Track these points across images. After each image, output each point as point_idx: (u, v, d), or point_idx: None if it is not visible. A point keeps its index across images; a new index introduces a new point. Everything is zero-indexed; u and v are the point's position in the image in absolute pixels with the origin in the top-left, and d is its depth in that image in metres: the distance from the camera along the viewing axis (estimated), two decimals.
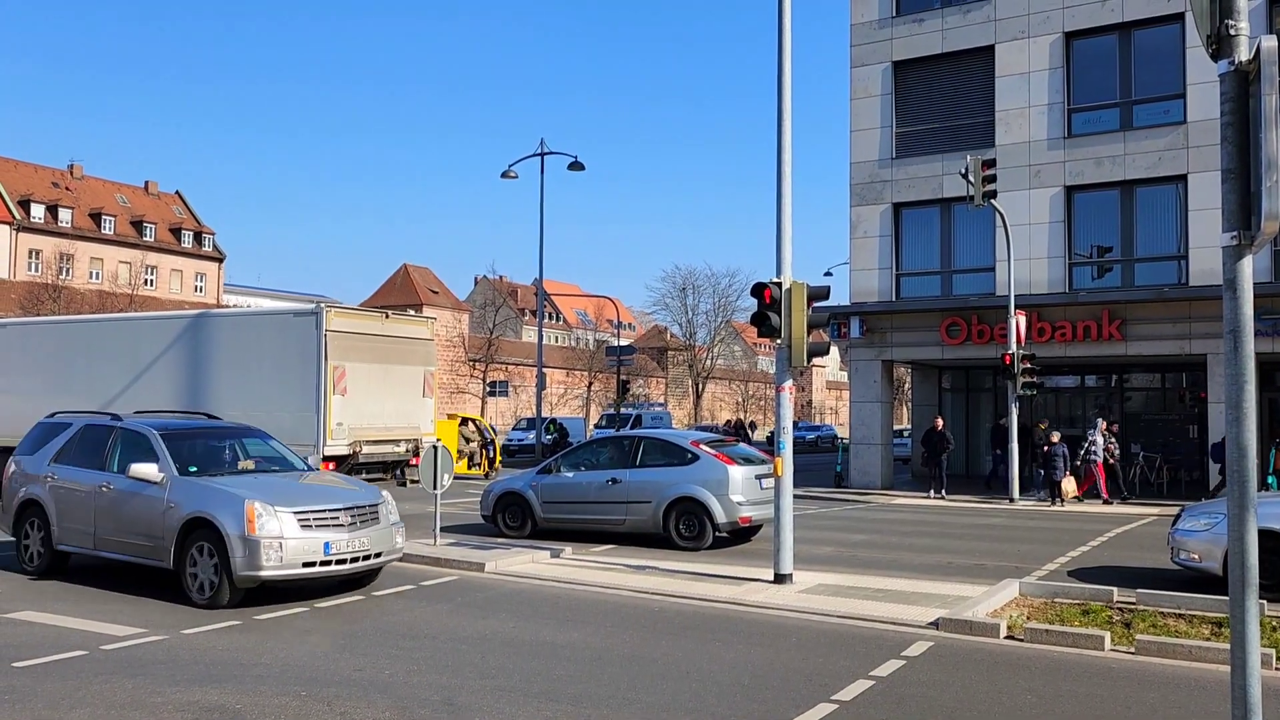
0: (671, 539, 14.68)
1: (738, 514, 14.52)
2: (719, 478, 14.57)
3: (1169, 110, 24.56)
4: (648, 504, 14.90)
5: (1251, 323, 4.79)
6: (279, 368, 17.66)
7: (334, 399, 17.15)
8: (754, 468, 15.09)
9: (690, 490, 14.57)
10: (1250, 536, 4.76)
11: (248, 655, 8.24)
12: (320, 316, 17.43)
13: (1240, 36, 4.67)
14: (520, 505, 15.93)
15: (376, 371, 18.08)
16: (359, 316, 19.21)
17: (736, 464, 14.86)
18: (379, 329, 18.90)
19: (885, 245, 27.65)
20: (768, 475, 14.37)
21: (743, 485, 14.63)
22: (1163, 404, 29.43)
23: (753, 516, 14.68)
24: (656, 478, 15.00)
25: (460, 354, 75.09)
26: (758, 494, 14.67)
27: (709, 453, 14.98)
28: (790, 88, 11.85)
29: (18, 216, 66.98)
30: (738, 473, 14.66)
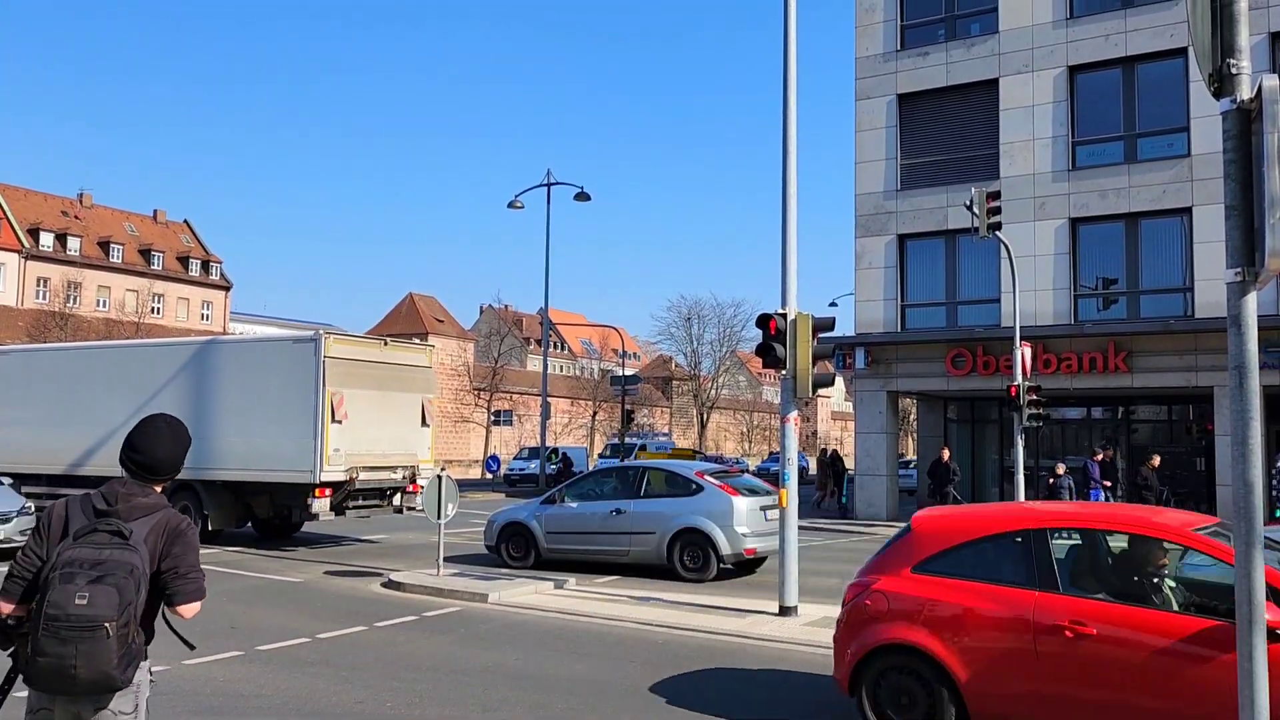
0: (676, 570, 14.64)
1: (742, 545, 14.46)
2: (723, 509, 14.51)
3: (1173, 144, 24.66)
4: (652, 535, 14.84)
5: (1256, 358, 4.78)
6: (278, 394, 17.72)
7: (331, 426, 17.21)
8: (759, 499, 15.03)
9: (695, 521, 14.50)
10: (1257, 572, 4.73)
11: (249, 686, 8.21)
12: (319, 344, 17.48)
13: (1242, 75, 4.70)
14: (524, 536, 15.87)
15: (374, 398, 18.12)
16: (358, 344, 19.17)
17: (741, 495, 14.81)
18: (378, 356, 18.89)
19: (890, 276, 27.71)
20: (773, 507, 14.39)
21: (747, 517, 14.58)
22: (1169, 436, 29.31)
23: (758, 548, 14.62)
24: (661, 509, 14.96)
25: (465, 383, 75.13)
26: (763, 525, 14.62)
27: (714, 484, 14.94)
28: (795, 120, 11.93)
29: (26, 244, 67.38)
30: (742, 504, 14.61)
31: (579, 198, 38.85)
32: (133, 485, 3.66)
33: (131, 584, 3.38)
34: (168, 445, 3.72)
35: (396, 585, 13.51)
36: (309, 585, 13.96)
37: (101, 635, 3.29)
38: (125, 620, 3.35)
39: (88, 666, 3.31)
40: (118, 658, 3.35)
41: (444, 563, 14.32)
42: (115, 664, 3.35)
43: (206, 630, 10.28)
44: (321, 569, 15.54)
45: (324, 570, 15.40)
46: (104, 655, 3.32)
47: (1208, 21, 4.76)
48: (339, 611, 11.73)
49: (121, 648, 3.36)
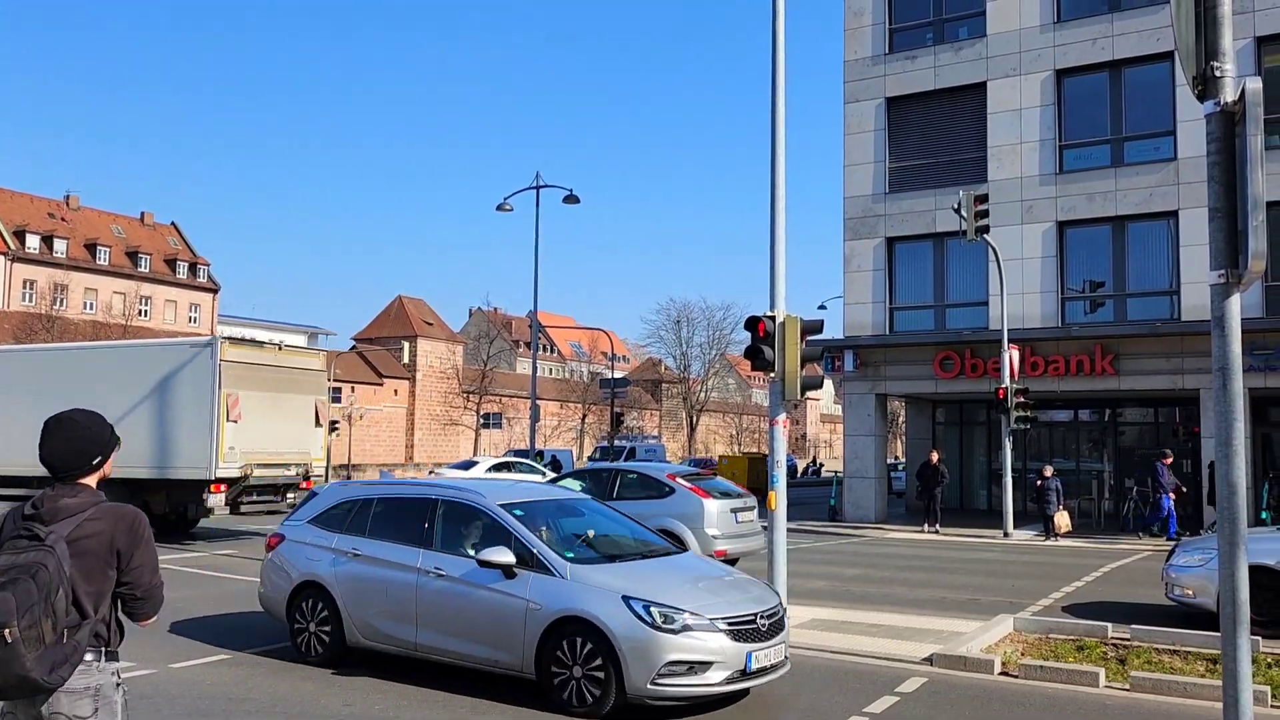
0: None
1: (713, 547, 14.36)
2: (694, 511, 14.49)
3: (1159, 147, 24.79)
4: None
5: (1240, 361, 4.81)
6: (177, 395, 18.79)
7: (227, 425, 18.31)
8: (730, 501, 15.07)
9: (666, 523, 14.30)
10: (1241, 573, 4.76)
11: (237, 690, 8.17)
12: (215, 347, 18.65)
13: (1226, 78, 4.73)
14: None
15: (269, 400, 19.21)
16: (253, 348, 20.29)
17: (712, 498, 14.82)
18: (272, 360, 20.06)
19: (879, 279, 27.77)
20: (744, 510, 14.78)
21: (718, 519, 14.57)
22: (1156, 439, 29.44)
23: (728, 550, 14.52)
24: (633, 510, 14.91)
25: (454, 385, 75.09)
26: (733, 528, 14.68)
27: (685, 486, 14.96)
28: (784, 123, 11.94)
29: (13, 246, 67.02)
30: (713, 506, 14.61)
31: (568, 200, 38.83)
32: (60, 487, 3.64)
33: (35, 585, 3.31)
34: (60, 443, 3.67)
35: None
36: None
37: (4, 640, 3.23)
38: (31, 622, 3.27)
39: (3, 672, 3.26)
40: (32, 660, 3.28)
41: None
42: (31, 667, 3.28)
43: (194, 633, 10.26)
44: None
45: None
46: (14, 660, 3.25)
47: (1192, 25, 4.80)
48: None
49: (35, 649, 3.29)
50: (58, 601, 3.38)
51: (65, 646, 3.42)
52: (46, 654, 3.34)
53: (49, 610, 3.35)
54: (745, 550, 14.73)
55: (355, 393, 72.00)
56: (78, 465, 3.70)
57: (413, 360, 79.76)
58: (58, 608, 3.38)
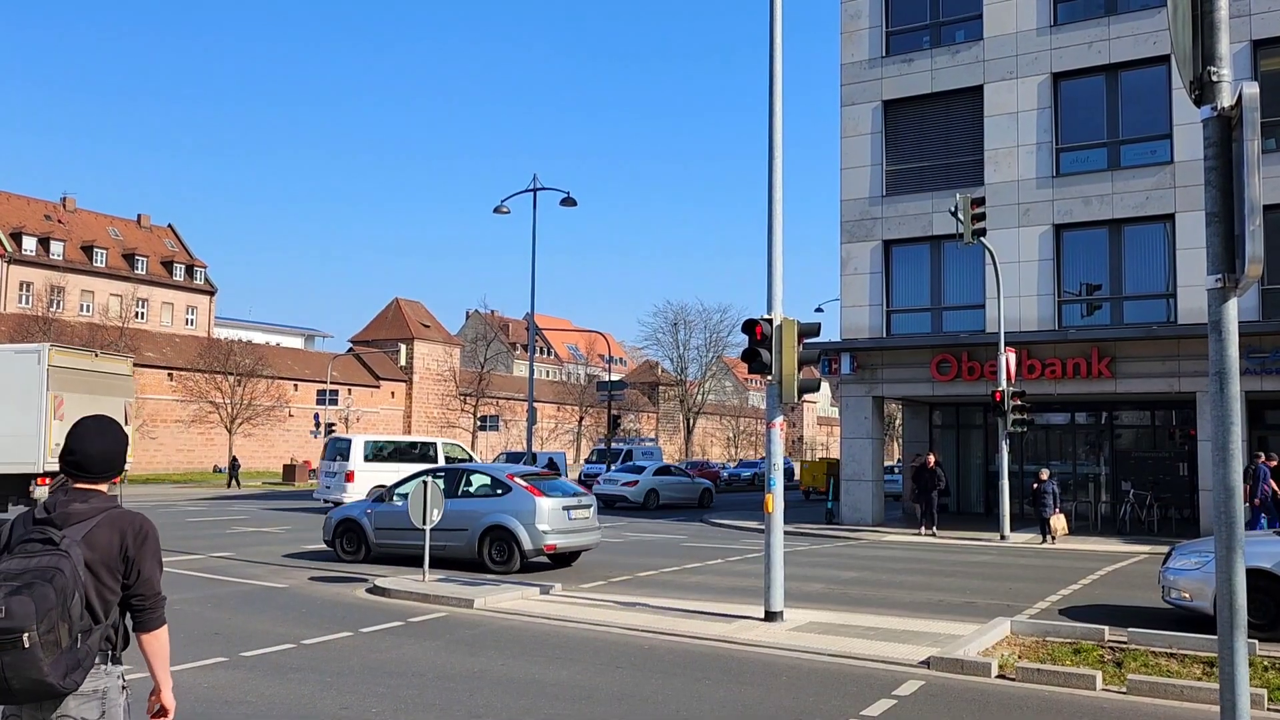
0: (485, 564, 15.89)
1: (543, 541, 15.70)
2: (528, 508, 15.81)
3: (1156, 150, 24.83)
4: (465, 531, 16.11)
5: (1237, 364, 4.82)
6: (7, 396, 20.40)
7: (54, 424, 20.03)
8: (562, 500, 16.28)
9: (501, 519, 15.86)
10: (1238, 576, 4.77)
11: (233, 693, 8.16)
12: (43, 354, 20.58)
13: (1223, 83, 4.74)
14: (356, 532, 17.34)
15: (88, 401, 20.60)
16: (74, 354, 22.43)
17: (545, 496, 16.04)
18: (91, 365, 22.05)
19: (876, 282, 27.79)
20: (578, 508, 16.43)
21: (549, 516, 15.83)
22: (1153, 441, 29.49)
23: (558, 544, 15.91)
24: (474, 507, 16.34)
25: (451, 388, 74.98)
26: (565, 524, 16.07)
27: (521, 485, 16.25)
28: (781, 126, 11.97)
29: (9, 249, 66.91)
30: (545, 504, 15.86)
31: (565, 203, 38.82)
32: (73, 491, 3.66)
33: (52, 590, 3.32)
34: (97, 442, 3.70)
35: (382, 591, 13.47)
36: (293, 591, 13.90)
37: (22, 646, 3.24)
38: (49, 626, 3.29)
39: (18, 677, 3.27)
40: (49, 665, 3.30)
41: (427, 569, 14.27)
42: (48, 671, 3.30)
43: (190, 637, 10.25)
44: (306, 575, 15.48)
45: (309, 576, 15.34)
46: (31, 665, 3.27)
47: (1189, 29, 4.81)
48: (324, 617, 11.68)
49: (52, 654, 3.30)
50: (74, 606, 3.39)
51: (79, 651, 3.44)
52: (62, 659, 3.36)
53: (66, 615, 3.37)
54: (576, 545, 16.44)
55: (352, 395, 71.90)
56: (112, 468, 3.75)
57: (410, 363, 79.69)
58: (73, 612, 3.39)
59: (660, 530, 25.56)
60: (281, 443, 68.49)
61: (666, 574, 16.22)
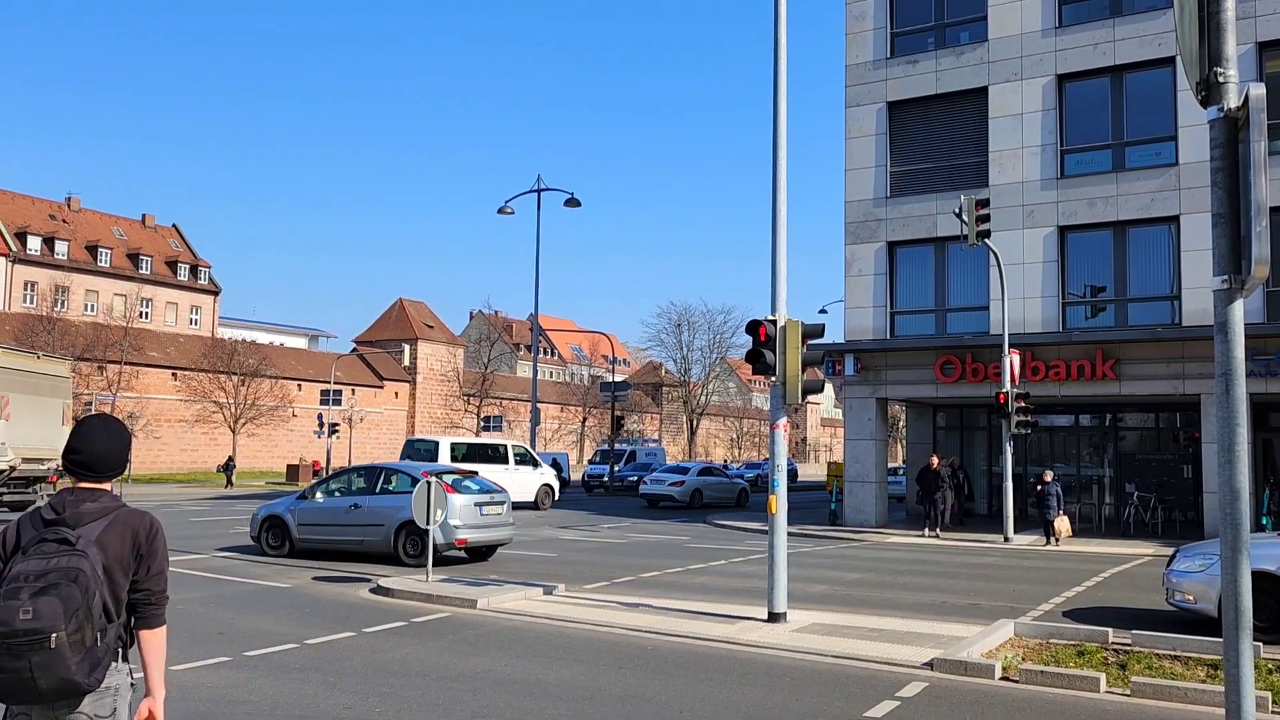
0: (399, 557, 16.59)
1: (454, 536, 16.59)
2: (440, 504, 15.77)
3: (1160, 152, 24.79)
4: (381, 526, 16.91)
5: (1243, 366, 4.81)
6: None
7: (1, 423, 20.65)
8: (474, 496, 17.28)
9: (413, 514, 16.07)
10: (1244, 579, 4.76)
11: (236, 692, 8.17)
12: None
13: (1229, 84, 4.73)
14: (280, 527, 18.00)
15: (30, 401, 21.63)
16: (17, 355, 23.16)
17: (457, 493, 16.81)
18: (33, 366, 22.79)
19: (880, 283, 27.77)
20: (491, 505, 17.38)
21: (461, 512, 16.70)
22: (1157, 444, 29.44)
23: (469, 539, 16.86)
24: (390, 503, 17.02)
25: (455, 388, 75.03)
26: (477, 520, 17.03)
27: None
28: (785, 127, 11.96)
29: (14, 248, 67.02)
30: (457, 500, 16.66)
31: (569, 204, 38.89)
32: (80, 491, 3.68)
33: (77, 590, 3.35)
34: (104, 441, 3.73)
35: (385, 591, 13.48)
36: (297, 591, 13.91)
37: (49, 646, 3.27)
38: (76, 626, 3.33)
39: (47, 677, 3.31)
40: (76, 664, 3.33)
41: (430, 568, 14.28)
42: (75, 670, 3.33)
43: (194, 636, 10.26)
44: (309, 574, 15.49)
45: (312, 576, 15.35)
46: (60, 664, 3.30)
47: (1195, 30, 4.80)
48: (327, 617, 11.69)
49: (78, 653, 3.34)
50: (95, 605, 3.43)
51: (99, 649, 3.47)
52: (87, 657, 3.40)
53: (89, 615, 3.41)
54: (488, 540, 17.41)
55: (355, 395, 71.98)
56: (118, 466, 3.78)
57: (413, 363, 79.74)
58: (95, 611, 3.43)
59: (663, 531, 25.55)
60: (285, 443, 68.56)
61: (670, 575, 16.22)
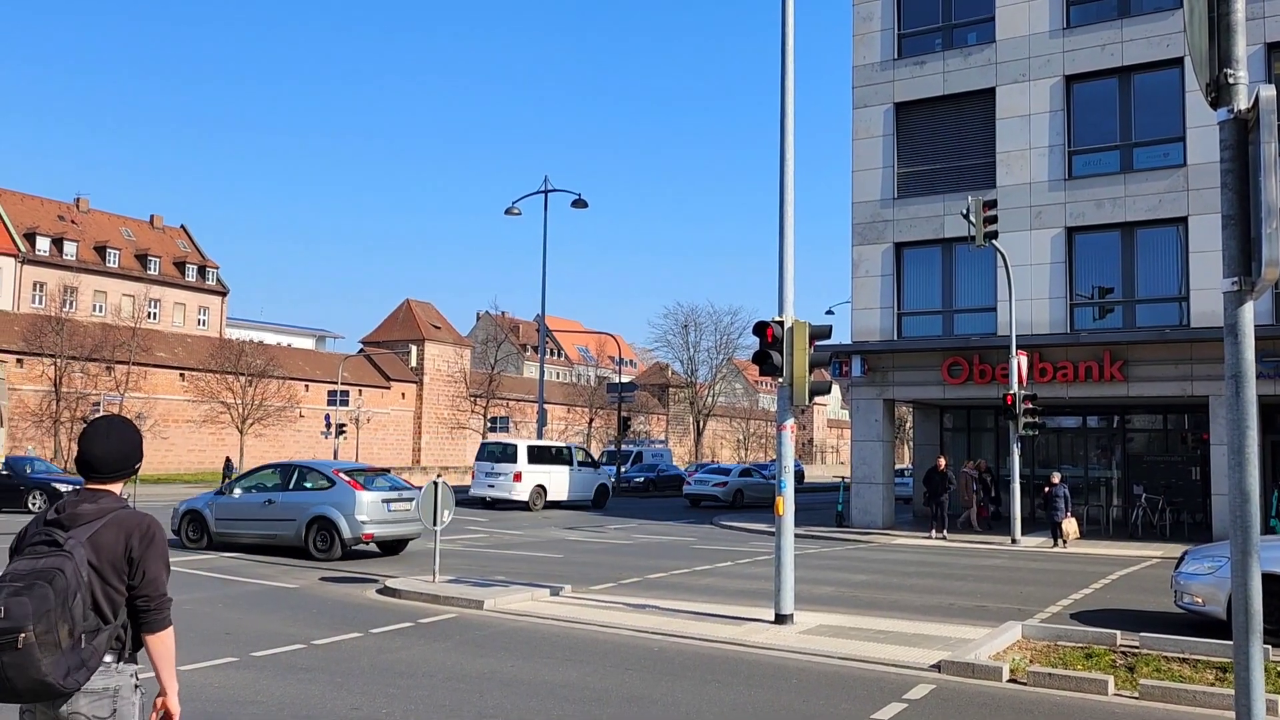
0: (310, 551, 17.38)
1: (361, 531, 17.32)
2: (348, 500, 17.41)
3: (1169, 153, 24.72)
4: (293, 521, 17.68)
5: (1253, 368, 4.79)
6: None
7: None
8: (382, 493, 17.92)
9: (325, 510, 17.41)
10: (1254, 581, 4.74)
11: (243, 693, 8.18)
12: None
13: (1239, 85, 4.72)
14: (199, 521, 18.83)
15: None
16: None
17: (365, 490, 17.63)
18: None
19: (887, 284, 27.73)
20: (398, 501, 18.02)
21: (368, 508, 17.44)
22: (1165, 445, 29.35)
23: (376, 533, 17.62)
24: (302, 499, 17.86)
25: (461, 389, 75.04)
26: (384, 515, 17.70)
27: (345, 479, 17.82)
28: (793, 129, 11.95)
29: (23, 249, 67.23)
30: (365, 497, 17.46)
31: (576, 204, 38.91)
32: (84, 492, 3.68)
33: (51, 591, 3.33)
34: (104, 442, 3.72)
35: (392, 592, 13.49)
36: (304, 591, 13.93)
37: (19, 645, 3.26)
38: (46, 627, 3.30)
39: (19, 676, 3.29)
40: (47, 664, 3.30)
41: (436, 570, 14.29)
42: (46, 671, 3.31)
43: (202, 636, 10.28)
44: (316, 575, 15.51)
45: (319, 577, 15.37)
46: (31, 664, 3.28)
47: (1205, 31, 4.78)
48: (334, 618, 11.70)
49: (50, 654, 3.31)
50: (75, 607, 3.40)
51: (84, 651, 3.44)
52: (62, 659, 3.37)
53: (66, 616, 3.37)
54: (395, 534, 18.13)
55: (362, 396, 72.07)
56: (123, 468, 3.77)
57: (420, 364, 79.82)
58: (75, 613, 3.40)
59: (670, 532, 25.54)
60: (292, 443, 68.65)
61: (676, 576, 16.21)
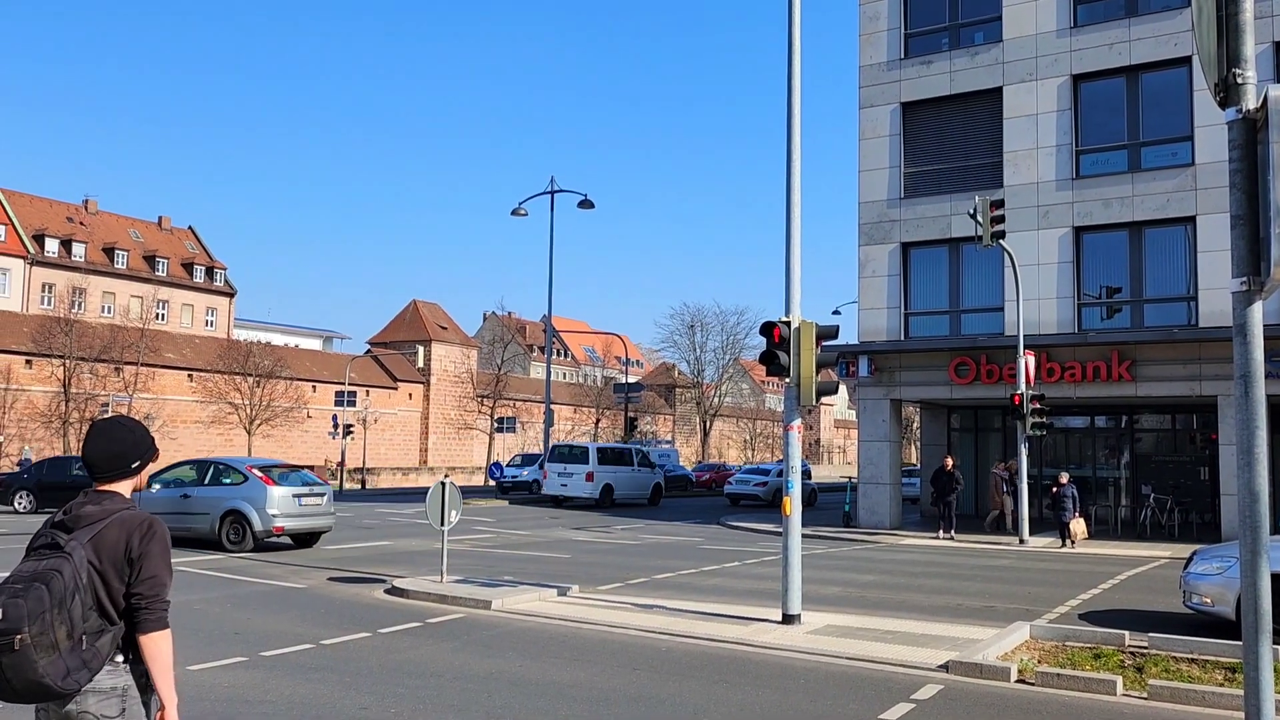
0: (223, 544, 18.06)
1: (272, 524, 18.04)
2: (259, 495, 18.15)
3: (1177, 152, 24.66)
4: (208, 515, 18.36)
5: (1262, 367, 4.78)
6: None
7: None
8: (294, 488, 18.72)
9: (237, 504, 18.17)
10: (1263, 581, 4.74)
11: (253, 692, 8.20)
12: None
13: (1248, 84, 4.71)
14: None
15: None
16: None
17: (277, 485, 18.40)
18: None
19: (894, 284, 27.70)
20: (310, 496, 18.92)
21: (279, 502, 18.20)
22: (1173, 446, 29.28)
23: (286, 526, 18.32)
24: (216, 494, 18.61)
25: (468, 390, 75.15)
26: (295, 509, 18.50)
27: (257, 475, 18.53)
28: (799, 128, 11.95)
29: (32, 250, 67.48)
30: (275, 492, 18.24)
31: (582, 205, 38.92)
32: (89, 494, 3.70)
33: (48, 593, 3.33)
34: (95, 442, 3.74)
35: (400, 592, 13.51)
36: (312, 591, 13.96)
37: (16, 647, 3.27)
38: (41, 629, 3.30)
39: (17, 678, 3.31)
40: (43, 666, 3.31)
41: (445, 570, 14.31)
42: (43, 672, 3.31)
43: (211, 636, 10.31)
44: (325, 575, 15.54)
45: (327, 577, 15.41)
46: (28, 665, 3.29)
47: (1213, 31, 4.78)
48: (342, 618, 11.73)
49: (46, 655, 3.31)
50: (73, 608, 3.40)
51: (85, 652, 3.44)
52: (60, 660, 3.37)
53: (64, 617, 3.37)
54: (306, 527, 18.87)
55: (370, 396, 72.19)
56: (115, 468, 3.76)
57: (427, 364, 79.94)
58: (73, 614, 3.40)
59: (677, 533, 25.55)
60: (300, 444, 68.81)
61: (683, 576, 16.21)
